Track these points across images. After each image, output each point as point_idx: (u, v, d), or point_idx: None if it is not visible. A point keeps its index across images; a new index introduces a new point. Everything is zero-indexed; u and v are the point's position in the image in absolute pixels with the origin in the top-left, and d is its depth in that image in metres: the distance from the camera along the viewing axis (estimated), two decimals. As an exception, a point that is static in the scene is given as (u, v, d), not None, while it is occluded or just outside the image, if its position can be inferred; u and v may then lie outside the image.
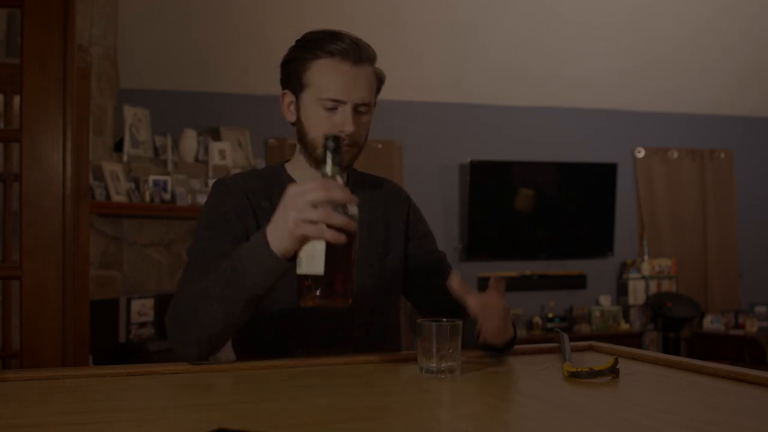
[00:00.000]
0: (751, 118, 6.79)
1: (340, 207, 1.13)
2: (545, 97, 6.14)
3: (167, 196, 4.60)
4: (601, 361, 1.28)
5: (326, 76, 1.44)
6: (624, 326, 6.16)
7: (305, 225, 1.12)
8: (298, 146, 1.55)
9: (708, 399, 1.11)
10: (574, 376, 1.21)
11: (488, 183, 5.96)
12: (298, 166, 1.57)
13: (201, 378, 1.28)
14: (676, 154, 6.54)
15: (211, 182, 4.94)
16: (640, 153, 6.48)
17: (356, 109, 1.46)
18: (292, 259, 1.19)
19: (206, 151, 5.08)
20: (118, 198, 4.34)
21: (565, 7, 5.45)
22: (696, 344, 6.36)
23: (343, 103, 1.44)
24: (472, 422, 0.95)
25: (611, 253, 6.31)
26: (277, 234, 1.18)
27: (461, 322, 1.28)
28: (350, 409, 1.05)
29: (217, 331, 1.30)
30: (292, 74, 1.48)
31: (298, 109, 1.50)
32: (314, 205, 1.12)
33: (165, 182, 4.62)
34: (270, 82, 5.39)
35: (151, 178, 4.60)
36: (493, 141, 6.10)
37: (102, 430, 0.92)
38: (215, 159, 5.07)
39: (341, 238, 1.11)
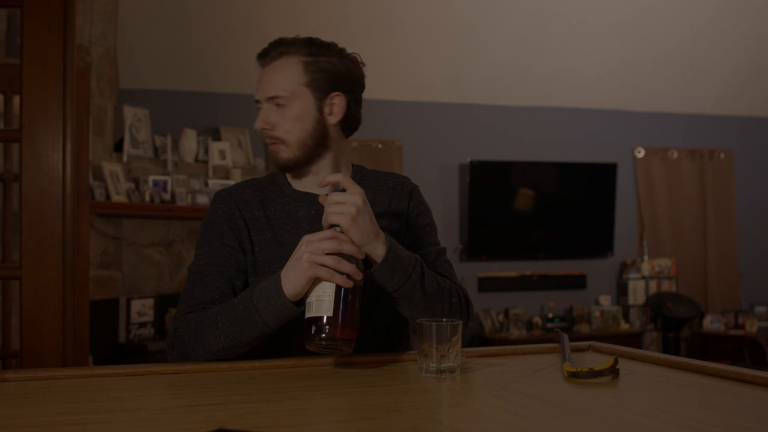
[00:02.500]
0: (751, 118, 6.79)
1: (352, 259, 1.25)
2: (545, 97, 6.14)
3: (167, 196, 4.60)
4: (601, 361, 1.28)
5: (258, 81, 1.54)
6: (624, 326, 6.16)
7: (317, 267, 1.22)
8: None
9: (708, 399, 1.11)
10: (574, 376, 1.21)
11: (488, 183, 5.96)
12: (297, 173, 1.57)
13: (201, 378, 1.28)
14: (676, 154, 6.54)
15: (211, 182, 4.94)
16: (640, 153, 6.48)
17: (275, 104, 1.49)
18: (302, 303, 1.27)
19: (206, 151, 5.08)
20: (118, 198, 4.34)
21: (565, 7, 5.45)
22: (696, 344, 6.36)
23: (259, 102, 1.52)
24: (472, 422, 0.95)
25: (611, 253, 6.31)
26: (290, 275, 1.26)
27: (461, 322, 1.28)
28: (350, 409, 1.05)
29: (220, 358, 1.38)
30: None
31: None
32: (326, 253, 1.22)
33: (165, 182, 4.62)
34: (270, 82, 5.42)
35: (151, 178, 4.60)
36: (493, 141, 6.10)
37: (102, 430, 0.92)
38: (215, 159, 5.07)
39: (349, 282, 1.22)
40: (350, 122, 1.57)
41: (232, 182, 5.00)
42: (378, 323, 1.50)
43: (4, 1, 2.06)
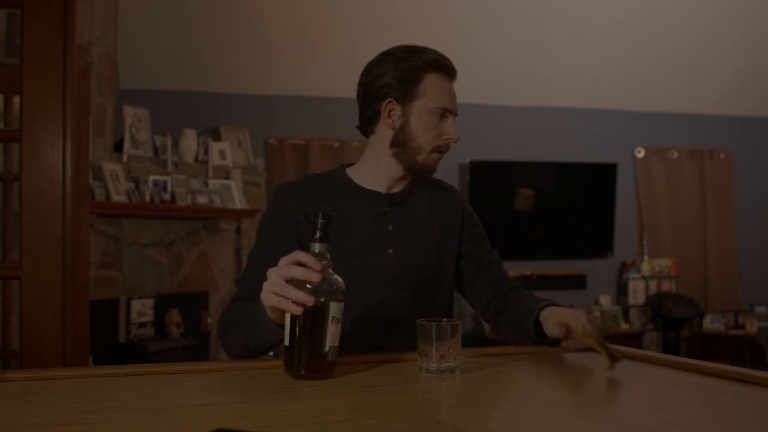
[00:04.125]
0: (751, 118, 6.79)
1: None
2: (545, 97, 6.14)
3: (167, 196, 4.60)
4: (601, 362, 1.28)
5: (439, 88, 1.63)
6: (624, 326, 6.15)
7: (270, 296, 1.23)
8: (372, 151, 1.66)
9: (708, 399, 1.11)
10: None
11: (488, 183, 5.96)
12: (362, 171, 1.67)
13: (201, 378, 1.28)
14: (676, 154, 6.54)
15: (211, 182, 4.94)
16: (640, 153, 6.48)
17: (453, 117, 1.67)
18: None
19: (206, 151, 5.08)
20: (118, 198, 4.34)
21: (565, 7, 5.45)
22: (696, 344, 6.36)
23: (450, 113, 1.65)
24: (472, 422, 0.95)
25: (611, 253, 6.31)
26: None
27: (461, 322, 1.29)
28: (350, 409, 1.05)
29: (240, 354, 1.45)
30: (402, 85, 1.60)
31: (403, 117, 1.61)
32: (286, 280, 1.21)
33: (165, 182, 4.62)
34: (270, 82, 5.43)
35: (151, 178, 4.60)
36: (493, 141, 6.10)
37: (102, 430, 0.92)
38: (215, 159, 5.07)
39: (297, 310, 1.18)
40: None
41: (231, 182, 5.00)
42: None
43: (4, 1, 2.06)
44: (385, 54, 1.64)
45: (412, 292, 1.61)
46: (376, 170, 1.65)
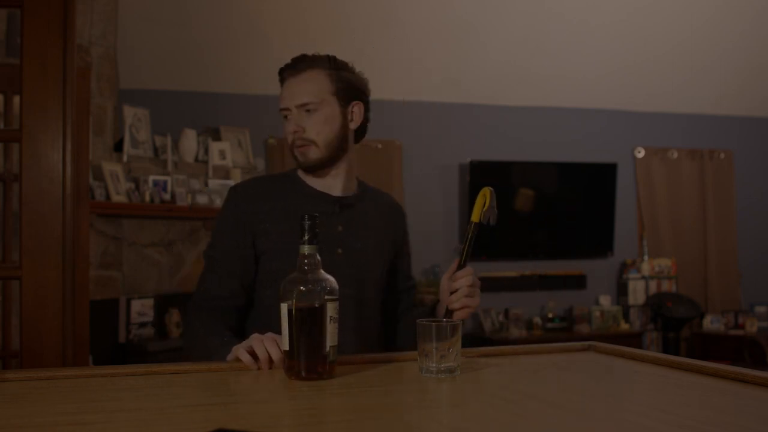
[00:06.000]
0: (751, 118, 6.79)
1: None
2: (545, 97, 6.14)
3: (167, 196, 4.60)
4: (601, 362, 1.28)
5: (281, 92, 1.72)
6: (624, 326, 6.15)
7: (244, 354, 1.35)
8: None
9: (708, 399, 1.11)
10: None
11: (488, 183, 5.90)
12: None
13: (201, 378, 1.28)
14: (676, 154, 6.54)
15: (211, 182, 4.94)
16: (640, 153, 6.48)
17: (305, 110, 1.67)
18: None
19: (206, 151, 5.08)
20: (118, 198, 4.34)
21: (565, 7, 5.45)
22: (696, 344, 6.36)
23: (288, 109, 1.69)
24: (472, 422, 0.95)
25: (611, 253, 6.31)
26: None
27: (461, 322, 1.29)
28: (350, 409, 1.05)
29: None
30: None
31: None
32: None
33: (165, 182, 4.62)
34: (270, 82, 5.42)
35: (151, 178, 4.60)
36: (493, 141, 6.10)
37: (102, 430, 0.92)
38: (215, 159, 5.07)
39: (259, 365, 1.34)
40: (362, 130, 1.78)
41: (231, 182, 4.99)
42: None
43: (4, 1, 2.06)
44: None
45: (356, 291, 1.69)
46: (329, 174, 1.74)
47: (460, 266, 1.55)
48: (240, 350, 1.37)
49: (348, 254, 1.70)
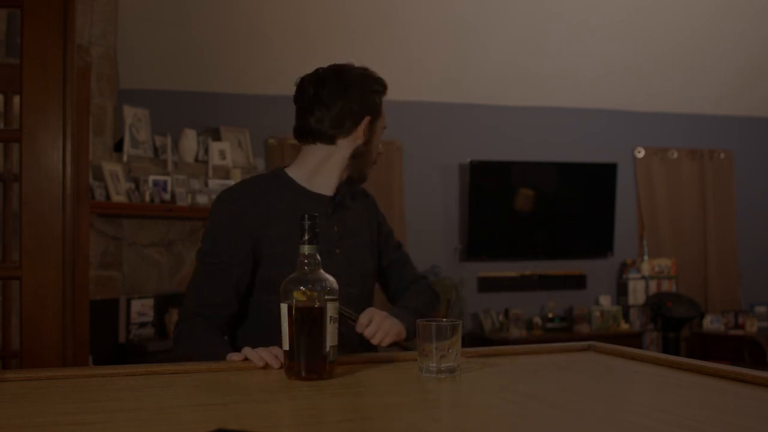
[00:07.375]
0: (751, 118, 6.79)
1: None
2: (545, 97, 6.14)
3: (167, 196, 4.60)
4: (601, 362, 1.28)
5: (386, 110, 1.79)
6: (624, 326, 6.15)
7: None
8: (328, 158, 1.73)
9: (708, 399, 1.11)
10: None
11: (488, 183, 5.96)
12: (307, 174, 1.73)
13: (200, 378, 1.28)
14: (676, 154, 6.54)
15: (211, 182, 4.94)
16: (640, 153, 6.48)
17: None
18: None
19: (206, 151, 5.08)
20: (118, 198, 4.34)
21: (565, 7, 5.45)
22: (696, 344, 6.36)
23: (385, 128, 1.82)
24: (472, 422, 0.95)
25: (611, 253, 6.30)
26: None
27: (461, 322, 1.29)
28: (350, 409, 1.05)
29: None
30: (373, 103, 1.73)
31: (369, 134, 1.75)
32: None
33: (165, 182, 4.62)
34: (270, 82, 5.43)
35: (151, 178, 4.60)
36: (493, 141, 6.10)
37: (102, 430, 0.92)
38: (215, 159, 5.07)
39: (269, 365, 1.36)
40: None
41: (231, 182, 4.99)
42: None
43: (4, 1, 2.06)
44: (345, 71, 1.71)
45: (360, 288, 1.74)
46: (327, 175, 1.73)
47: (352, 319, 1.58)
48: (246, 350, 1.40)
49: (346, 253, 1.72)
